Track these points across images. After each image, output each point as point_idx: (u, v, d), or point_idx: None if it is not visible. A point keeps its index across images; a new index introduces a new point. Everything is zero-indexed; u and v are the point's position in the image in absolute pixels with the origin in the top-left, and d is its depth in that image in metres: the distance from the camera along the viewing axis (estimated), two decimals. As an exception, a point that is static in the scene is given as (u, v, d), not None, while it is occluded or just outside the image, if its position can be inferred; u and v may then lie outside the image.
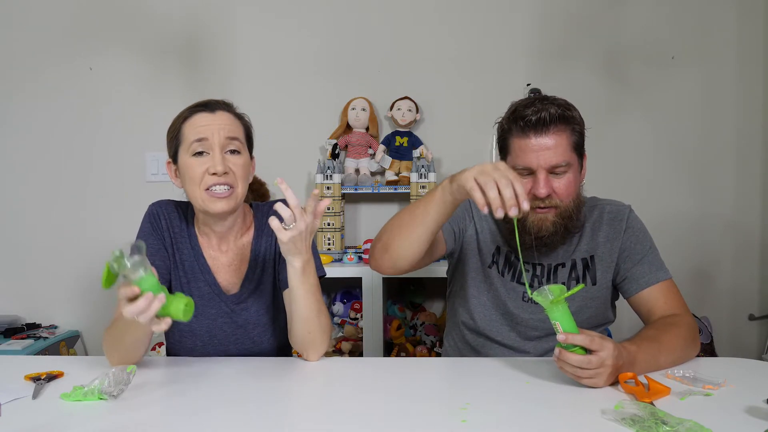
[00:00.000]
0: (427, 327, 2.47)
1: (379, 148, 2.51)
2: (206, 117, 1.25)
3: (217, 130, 1.23)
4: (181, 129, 1.26)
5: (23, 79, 2.61)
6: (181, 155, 1.26)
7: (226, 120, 1.26)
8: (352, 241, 2.63)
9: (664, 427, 0.87)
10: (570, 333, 1.05)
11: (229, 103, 1.32)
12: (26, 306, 2.66)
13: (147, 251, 1.29)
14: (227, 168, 1.23)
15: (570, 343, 1.04)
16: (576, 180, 1.31)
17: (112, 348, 1.21)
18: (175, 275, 1.33)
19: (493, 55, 2.58)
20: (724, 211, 2.60)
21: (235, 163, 1.25)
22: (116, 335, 1.19)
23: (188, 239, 1.34)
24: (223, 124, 1.25)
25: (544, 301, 1.07)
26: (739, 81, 2.56)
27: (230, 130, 1.25)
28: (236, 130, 1.27)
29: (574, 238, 1.38)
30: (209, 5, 2.60)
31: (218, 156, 1.22)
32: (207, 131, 1.23)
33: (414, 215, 1.25)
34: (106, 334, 1.22)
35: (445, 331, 1.59)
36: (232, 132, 1.25)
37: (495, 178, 1.09)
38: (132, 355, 1.21)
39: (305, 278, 1.20)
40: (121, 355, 1.20)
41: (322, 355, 1.28)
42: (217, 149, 1.23)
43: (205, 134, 1.23)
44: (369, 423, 0.95)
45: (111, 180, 2.63)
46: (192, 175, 1.23)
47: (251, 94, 2.58)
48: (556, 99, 1.31)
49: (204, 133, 1.23)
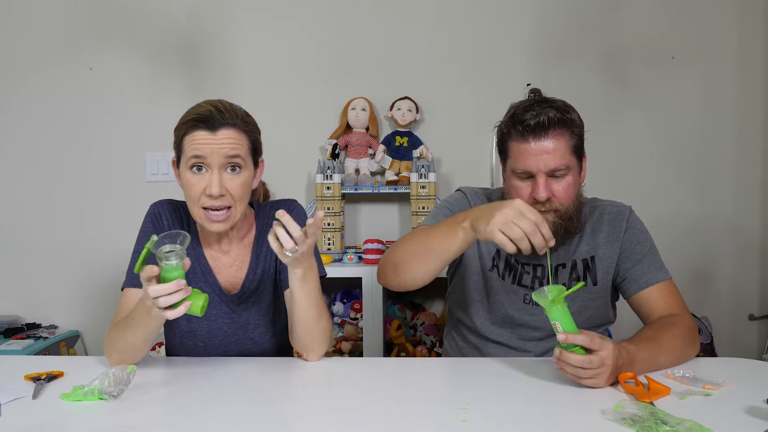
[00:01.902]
0: (427, 327, 2.47)
1: (379, 148, 2.51)
2: (206, 137, 1.19)
3: (217, 149, 1.18)
4: (182, 141, 1.22)
5: (23, 79, 2.61)
6: (182, 166, 1.23)
7: (227, 139, 1.19)
8: (352, 241, 2.63)
9: (664, 427, 0.87)
10: (570, 333, 1.05)
11: (234, 113, 1.23)
12: (26, 306, 2.66)
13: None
14: (224, 190, 1.19)
15: (570, 342, 1.05)
16: (576, 182, 1.31)
17: (115, 347, 1.20)
18: None
19: (493, 55, 2.58)
20: (724, 212, 2.60)
21: (233, 183, 1.21)
22: (120, 333, 1.19)
23: None
24: (223, 144, 1.19)
25: (544, 301, 1.07)
26: (739, 81, 2.56)
27: (231, 148, 1.19)
28: (238, 147, 1.21)
29: (574, 238, 1.38)
30: (209, 5, 2.60)
31: (216, 177, 1.18)
32: (206, 150, 1.18)
33: (429, 247, 1.24)
34: (109, 333, 1.22)
35: (445, 331, 1.59)
36: (233, 150, 1.20)
37: (522, 228, 1.09)
38: (133, 355, 1.20)
39: (306, 283, 1.20)
40: (122, 355, 1.20)
41: (321, 355, 1.28)
42: (216, 169, 1.19)
43: (203, 152, 1.18)
44: (369, 423, 0.95)
45: (111, 180, 2.63)
46: (190, 192, 1.21)
47: (251, 94, 2.57)
48: (555, 101, 1.30)
49: (202, 151, 1.18)
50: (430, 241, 1.24)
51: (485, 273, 1.43)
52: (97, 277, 2.64)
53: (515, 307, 1.40)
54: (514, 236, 1.09)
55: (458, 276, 1.49)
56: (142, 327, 1.15)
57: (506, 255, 1.41)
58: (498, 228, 1.11)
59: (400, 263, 1.29)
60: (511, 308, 1.40)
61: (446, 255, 1.22)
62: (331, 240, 2.41)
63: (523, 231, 1.09)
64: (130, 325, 1.17)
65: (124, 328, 1.18)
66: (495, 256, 1.42)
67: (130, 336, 1.17)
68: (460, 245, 1.20)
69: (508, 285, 1.40)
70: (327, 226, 2.41)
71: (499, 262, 1.42)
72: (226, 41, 2.61)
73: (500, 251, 1.42)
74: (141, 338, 1.17)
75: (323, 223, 2.38)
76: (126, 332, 1.18)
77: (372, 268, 2.27)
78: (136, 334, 1.16)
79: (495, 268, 1.42)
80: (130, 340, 1.18)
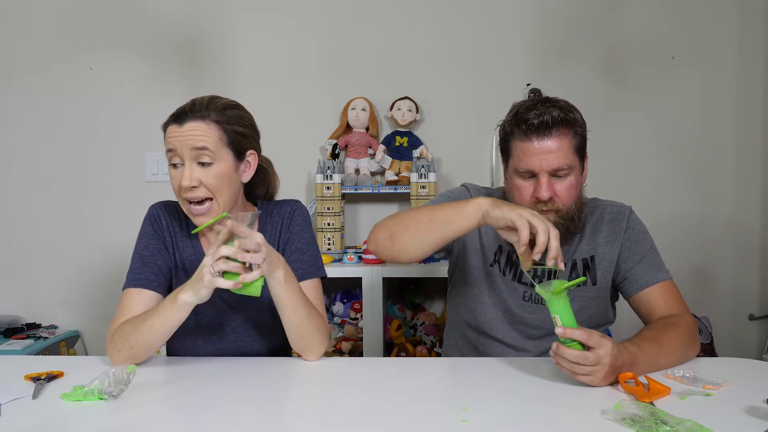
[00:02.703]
0: (427, 327, 2.47)
1: (379, 148, 2.51)
2: (174, 131, 1.23)
3: (183, 142, 1.21)
4: (164, 136, 1.27)
5: (23, 79, 2.61)
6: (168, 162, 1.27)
7: (194, 131, 1.21)
8: (352, 241, 2.63)
9: (664, 427, 0.87)
10: (568, 327, 1.05)
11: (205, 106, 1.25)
12: (26, 306, 2.66)
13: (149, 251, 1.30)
14: (196, 181, 1.21)
15: (568, 337, 1.05)
16: (578, 183, 1.31)
17: (127, 340, 1.19)
18: (176, 275, 1.33)
19: (493, 55, 2.58)
20: (724, 211, 2.60)
21: (205, 175, 1.22)
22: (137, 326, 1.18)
23: (189, 239, 1.34)
24: (189, 135, 1.21)
25: (546, 293, 1.07)
26: (739, 81, 2.56)
27: (198, 140, 1.21)
28: (204, 139, 1.21)
29: (574, 238, 1.38)
30: (209, 5, 2.60)
31: (187, 169, 1.21)
32: (174, 143, 1.22)
33: (434, 218, 1.23)
34: (119, 330, 1.21)
35: (445, 330, 1.60)
36: (200, 142, 1.21)
37: (548, 228, 1.10)
38: (144, 351, 1.20)
39: (288, 285, 1.18)
40: (133, 350, 1.19)
41: (321, 354, 1.27)
42: (187, 161, 1.22)
43: (172, 146, 1.23)
44: (369, 423, 0.95)
45: (111, 180, 2.63)
46: (173, 187, 1.25)
47: (251, 94, 2.57)
48: (558, 101, 1.30)
49: (172, 144, 1.23)
50: (436, 212, 1.24)
51: (486, 268, 1.43)
52: (98, 277, 2.64)
53: (515, 303, 1.40)
54: (540, 229, 1.09)
55: (459, 271, 1.49)
56: (164, 318, 1.16)
57: (508, 251, 1.41)
58: (527, 216, 1.11)
59: (397, 232, 1.27)
60: (512, 304, 1.40)
61: (450, 227, 1.21)
62: (331, 240, 2.41)
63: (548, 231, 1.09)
64: (150, 317, 1.17)
65: (143, 321, 1.18)
66: (497, 251, 1.43)
67: (148, 328, 1.17)
68: (467, 220, 1.19)
69: (508, 281, 1.41)
70: (327, 226, 2.41)
71: (500, 258, 1.42)
72: (227, 41, 2.61)
73: (502, 247, 1.42)
74: (161, 332, 1.17)
75: (323, 223, 2.39)
76: (144, 325, 1.17)
77: (372, 268, 2.27)
78: (156, 325, 1.16)
79: (496, 263, 1.42)
80: (147, 332, 1.17)
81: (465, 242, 1.45)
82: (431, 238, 1.24)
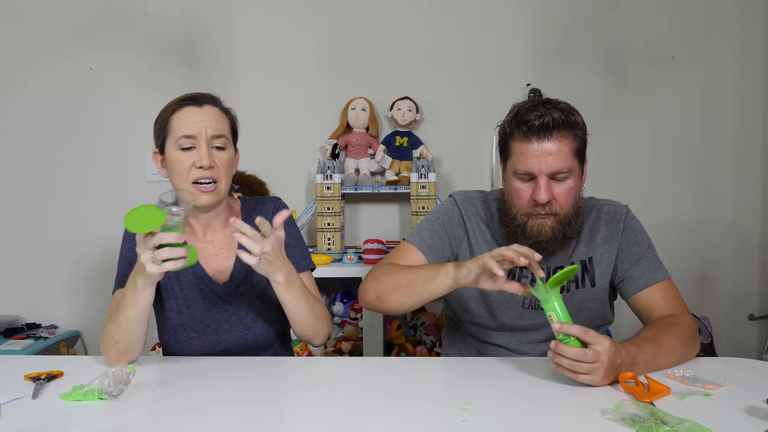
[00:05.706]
0: (427, 327, 2.47)
1: (379, 148, 2.51)
2: (194, 111, 1.28)
3: (204, 127, 1.26)
4: (169, 121, 1.28)
5: (23, 79, 2.62)
6: (169, 147, 1.29)
7: (213, 116, 1.29)
8: (352, 241, 2.63)
9: (664, 427, 0.87)
10: (565, 323, 1.06)
11: (216, 97, 1.34)
12: (26, 306, 2.66)
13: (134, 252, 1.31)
14: (213, 162, 1.26)
15: (565, 332, 1.05)
16: (576, 186, 1.29)
17: (111, 337, 1.20)
18: None
19: (494, 54, 2.58)
20: (724, 212, 2.60)
21: (220, 159, 1.28)
22: (113, 322, 1.20)
23: None
24: (210, 120, 1.27)
25: (540, 291, 1.09)
26: (739, 81, 2.56)
27: (216, 127, 1.28)
28: (222, 127, 1.30)
29: (572, 241, 1.37)
30: (209, 5, 2.60)
31: (204, 151, 1.26)
32: (194, 128, 1.26)
33: (413, 284, 1.28)
34: (104, 329, 1.23)
35: (445, 331, 1.59)
36: (218, 130, 1.28)
37: (502, 253, 1.12)
38: (129, 344, 1.21)
39: (291, 287, 1.23)
40: (119, 345, 1.20)
41: (326, 337, 1.35)
42: (204, 144, 1.26)
43: (192, 131, 1.26)
44: (369, 423, 0.95)
45: (111, 180, 2.64)
46: (179, 169, 1.27)
47: (251, 94, 2.58)
48: (559, 103, 1.29)
49: (192, 130, 1.26)
50: (414, 277, 1.28)
51: None
52: (97, 277, 2.64)
53: (515, 313, 1.38)
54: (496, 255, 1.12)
55: None
56: (131, 307, 1.17)
57: None
58: (477, 258, 1.16)
59: (383, 296, 1.33)
60: (511, 314, 1.39)
61: (426, 292, 1.26)
62: (331, 240, 2.41)
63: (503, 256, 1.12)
64: (120, 310, 1.19)
65: (116, 315, 1.20)
66: None
67: (122, 320, 1.18)
68: (440, 285, 1.23)
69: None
70: (327, 226, 2.41)
71: None
72: (226, 41, 2.61)
73: None
74: (133, 321, 1.18)
75: (323, 223, 2.39)
76: (119, 318, 1.19)
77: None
78: (128, 315, 1.18)
79: None
80: (123, 324, 1.19)
81: (458, 256, 1.43)
82: (413, 301, 1.30)
